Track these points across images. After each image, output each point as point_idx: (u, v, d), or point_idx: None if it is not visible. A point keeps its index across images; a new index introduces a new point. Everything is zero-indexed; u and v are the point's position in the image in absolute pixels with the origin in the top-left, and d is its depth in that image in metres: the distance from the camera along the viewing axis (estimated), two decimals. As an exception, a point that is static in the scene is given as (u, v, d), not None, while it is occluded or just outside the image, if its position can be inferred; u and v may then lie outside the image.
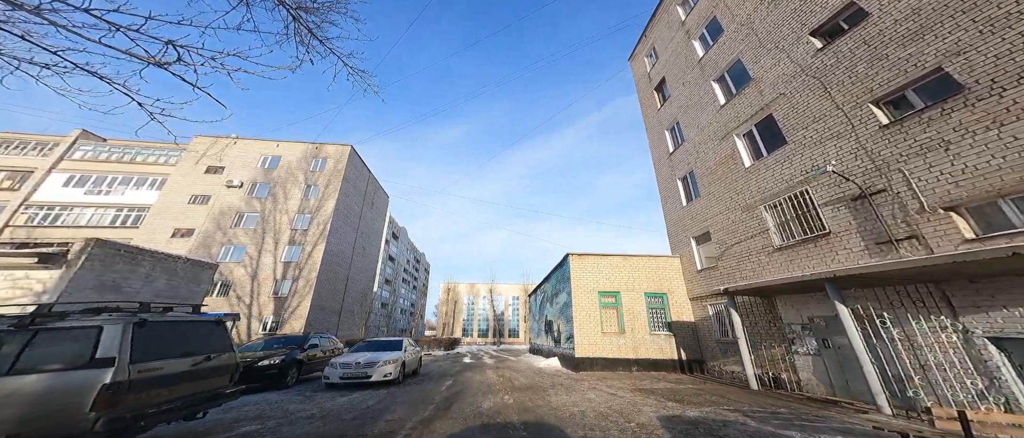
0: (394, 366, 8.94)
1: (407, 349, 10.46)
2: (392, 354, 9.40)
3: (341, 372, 8.40)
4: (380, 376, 8.55)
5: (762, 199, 9.18)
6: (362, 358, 8.82)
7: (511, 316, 68.14)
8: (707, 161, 11.73)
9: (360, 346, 10.34)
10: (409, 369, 10.54)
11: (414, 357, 11.33)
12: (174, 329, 4.02)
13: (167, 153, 27.71)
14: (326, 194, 26.39)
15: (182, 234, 23.72)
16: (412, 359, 10.93)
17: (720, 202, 10.90)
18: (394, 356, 9.28)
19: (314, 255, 23.87)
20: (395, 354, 9.46)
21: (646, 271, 13.22)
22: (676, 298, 12.68)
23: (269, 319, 21.82)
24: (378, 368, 8.58)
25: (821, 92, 7.82)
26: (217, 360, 4.37)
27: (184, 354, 3.97)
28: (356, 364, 8.55)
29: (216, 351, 4.42)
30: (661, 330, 12.47)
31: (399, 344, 10.35)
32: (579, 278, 13.26)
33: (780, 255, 8.49)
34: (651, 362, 11.99)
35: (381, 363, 8.70)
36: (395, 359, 9.14)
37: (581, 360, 12.09)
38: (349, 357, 9.06)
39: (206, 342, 4.34)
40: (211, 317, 4.68)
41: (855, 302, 6.42)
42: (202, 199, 25.06)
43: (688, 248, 12.60)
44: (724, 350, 10.47)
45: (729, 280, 10.14)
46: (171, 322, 4.03)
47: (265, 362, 8.24)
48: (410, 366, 10.65)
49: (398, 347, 10.12)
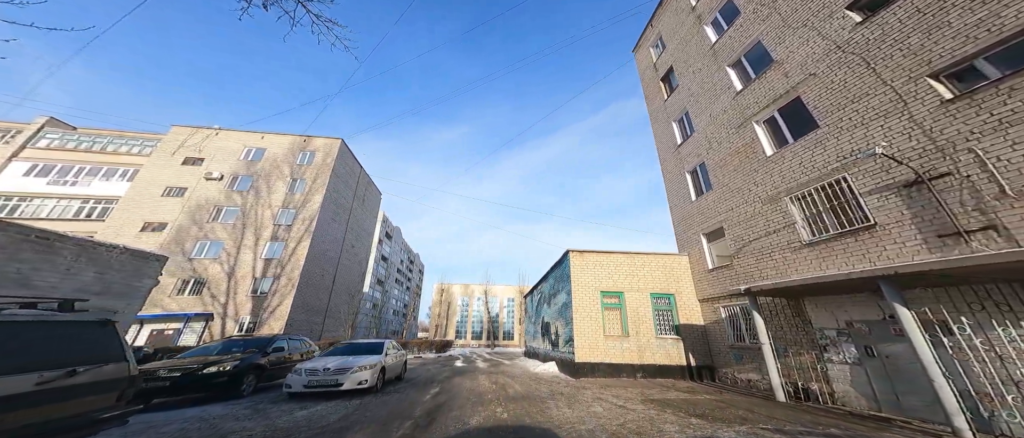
0: (371, 372, 7.67)
1: (388, 353, 9.18)
2: (369, 358, 8.13)
3: (306, 379, 7.10)
4: (353, 384, 7.27)
5: (787, 190, 8.20)
6: (332, 363, 7.53)
7: (506, 318, 66.69)
8: (721, 151, 10.77)
9: (335, 349, 9.03)
10: (391, 374, 9.27)
11: (397, 361, 10.04)
12: (7, 334, 2.73)
13: (142, 143, 25.78)
14: (313, 189, 24.82)
15: (153, 228, 21.87)
16: (394, 363, 9.65)
17: (736, 195, 9.92)
18: (371, 360, 8.01)
19: (298, 252, 22.28)
20: (373, 358, 8.19)
21: (652, 270, 12.19)
22: (684, 299, 11.66)
23: (246, 319, 20.15)
24: (351, 375, 7.30)
25: (862, 69, 6.87)
26: (90, 374, 3.10)
27: (20, 370, 2.68)
28: (325, 370, 7.25)
29: (89, 362, 3.14)
30: (668, 334, 11.43)
31: (379, 347, 9.07)
32: (580, 277, 12.15)
33: (809, 252, 7.50)
34: (657, 368, 10.92)
35: (355, 369, 7.43)
36: (372, 364, 7.87)
37: (581, 365, 10.95)
38: (318, 362, 7.77)
39: (72, 350, 3.06)
40: (92, 318, 3.39)
41: (916, 305, 5.41)
42: (177, 191, 23.24)
43: (698, 245, 11.61)
44: (739, 356, 9.46)
45: (746, 279, 9.15)
46: None
47: (213, 368, 6.87)
48: (392, 371, 9.38)
49: (378, 350, 8.84)
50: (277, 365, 8.56)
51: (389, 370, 8.98)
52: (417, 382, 10.12)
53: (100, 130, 26.03)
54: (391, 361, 9.29)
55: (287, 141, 26.85)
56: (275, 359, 8.55)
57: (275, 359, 8.55)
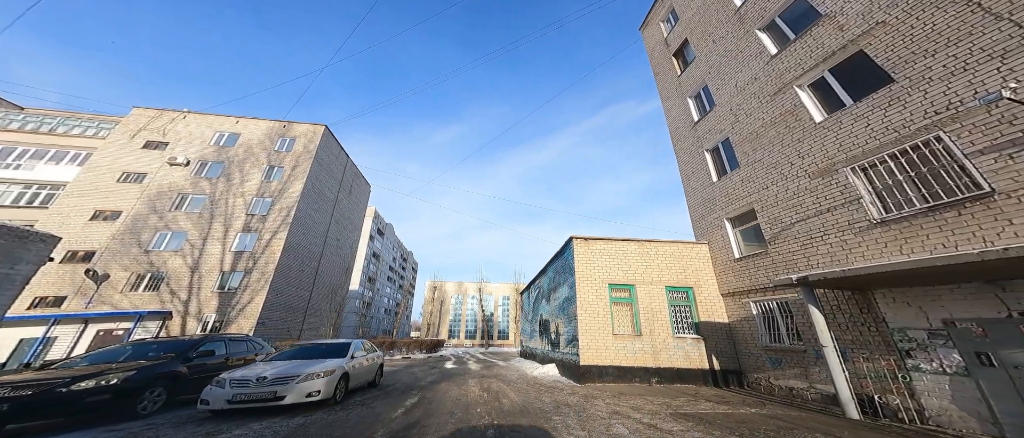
0: (325, 380, 5.77)
1: (355, 355, 7.27)
2: (326, 363, 6.22)
3: (230, 393, 5.18)
4: (299, 396, 5.39)
5: (847, 159, 6.61)
6: (272, 371, 5.61)
7: (501, 317, 64.18)
8: (751, 124, 9.17)
9: (284, 352, 7.05)
10: (358, 381, 7.39)
11: (369, 365, 8.11)
12: None
13: (98, 125, 22.80)
14: (292, 177, 22.38)
15: (106, 217, 19.12)
16: (365, 368, 7.74)
17: (772, 171, 8.33)
18: (329, 366, 6.11)
19: (273, 245, 19.87)
20: (331, 363, 6.28)
21: (667, 260, 10.54)
22: (704, 293, 10.04)
23: (211, 317, 17.70)
24: (296, 385, 5.40)
25: (959, 6, 5.30)
26: None
27: None
28: (258, 379, 5.34)
29: None
30: (687, 332, 9.80)
31: (342, 349, 7.15)
32: (585, 267, 10.42)
33: (882, 232, 5.91)
34: (675, 372, 9.28)
35: (303, 377, 5.52)
36: (329, 370, 5.97)
37: (587, 369, 9.23)
38: (251, 369, 5.84)
39: None
40: None
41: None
42: (136, 177, 20.49)
43: (720, 232, 10.00)
44: (777, 361, 7.86)
45: (788, 268, 7.55)
46: None
47: (88, 383, 4.79)
48: (361, 377, 7.48)
49: (341, 353, 6.93)
50: (205, 373, 6.48)
51: (355, 376, 7.05)
52: (393, 389, 8.21)
53: (50, 110, 22.92)
54: (359, 366, 7.36)
55: (264, 126, 24.28)
56: (202, 366, 6.47)
57: (202, 366, 6.47)
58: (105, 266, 17.95)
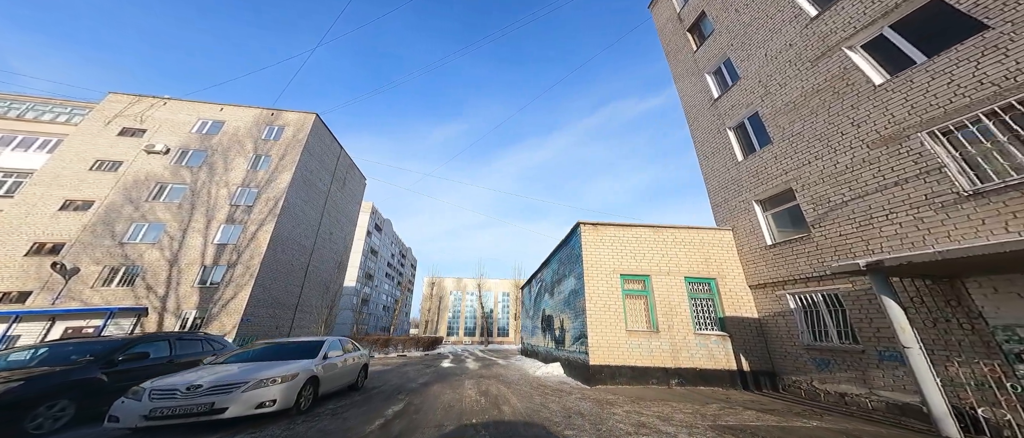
0: (284, 387, 4.48)
1: (329, 355, 5.95)
2: (286, 366, 4.92)
3: (150, 406, 3.91)
4: (246, 407, 4.11)
5: (923, 122, 5.39)
6: (210, 377, 4.32)
7: (501, 314, 62.39)
8: (786, 95, 7.94)
9: (241, 353, 5.70)
10: (336, 384, 6.14)
11: (348, 366, 6.80)
12: None
13: (70, 111, 20.97)
14: (281, 166, 20.79)
15: (76, 206, 17.43)
16: (343, 369, 6.42)
17: (816, 144, 7.11)
18: (289, 369, 4.81)
19: (260, 237, 18.32)
20: (294, 366, 4.98)
21: (686, 248, 9.31)
22: (729, 285, 8.83)
23: (191, 314, 16.16)
24: (242, 393, 4.13)
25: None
26: None
27: None
28: (190, 388, 4.06)
29: None
30: (710, 329, 8.59)
31: (313, 348, 5.86)
32: (594, 256, 9.17)
33: (976, 205, 4.71)
34: (697, 373, 8.07)
35: (252, 384, 4.25)
36: (290, 374, 4.67)
37: (597, 369, 8.01)
38: (185, 375, 4.50)
39: None
40: None
41: None
42: (111, 166, 18.78)
43: (748, 217, 8.79)
44: (824, 362, 6.66)
45: (839, 254, 6.35)
46: None
47: None
48: (337, 381, 6.19)
49: (310, 352, 5.64)
50: (138, 380, 5.10)
51: (329, 380, 5.73)
52: (377, 394, 6.89)
53: (17, 95, 21.01)
54: (334, 367, 6.04)
55: (251, 114, 22.61)
56: (132, 372, 5.08)
57: (132, 372, 5.08)
58: (75, 259, 16.29)
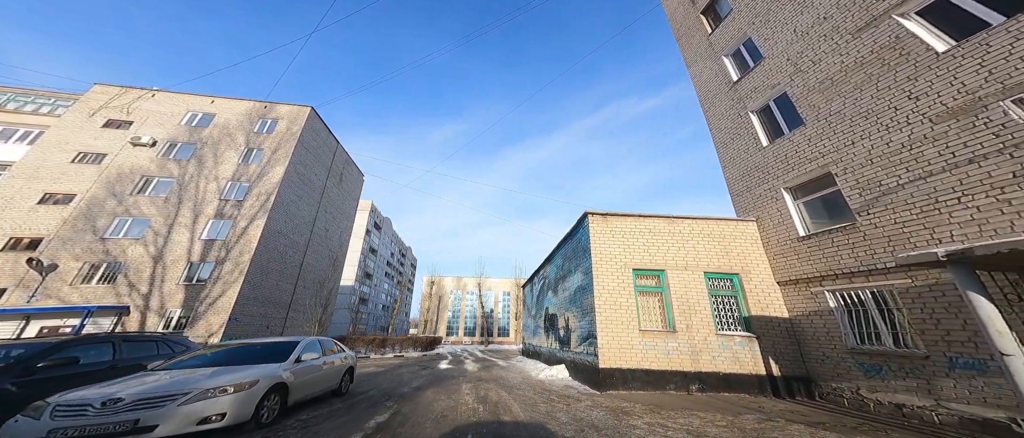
0: (236, 398, 3.60)
1: (303, 358, 5.03)
2: (242, 373, 4.01)
3: (51, 426, 2.99)
4: (184, 424, 3.22)
5: (1005, 90, 4.51)
6: (136, 389, 3.39)
7: (501, 313, 60.97)
8: (821, 71, 7.06)
9: (195, 357, 4.78)
10: (314, 390, 5.25)
11: (328, 369, 5.88)
12: None
13: (54, 102, 19.88)
14: (273, 160, 19.78)
15: (56, 200, 16.37)
16: (321, 374, 5.51)
17: (862, 122, 6.22)
18: (246, 375, 3.91)
19: (250, 232, 17.31)
20: (253, 372, 4.07)
21: (704, 240, 8.42)
22: (755, 281, 7.94)
23: (175, 312, 15.16)
24: (178, 407, 3.25)
25: None
26: None
27: None
28: (104, 404, 3.15)
29: None
30: (734, 329, 7.69)
31: (285, 350, 4.96)
32: (603, 249, 8.28)
33: (1082, 185, 3.81)
34: (721, 378, 7.17)
35: (194, 395, 3.38)
36: (246, 382, 3.78)
37: (608, 373, 7.12)
38: (105, 387, 3.56)
39: None
40: None
41: None
42: (94, 158, 17.73)
43: (775, 205, 7.90)
44: (875, 368, 5.77)
45: (895, 244, 5.46)
46: None
47: None
48: (313, 386, 5.30)
49: (281, 355, 4.74)
50: (57, 390, 4.15)
51: (302, 387, 4.82)
52: (362, 400, 5.97)
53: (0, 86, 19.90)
54: (309, 371, 5.12)
55: (243, 107, 21.58)
56: (54, 380, 4.13)
57: (54, 380, 4.13)
58: (53, 255, 15.24)
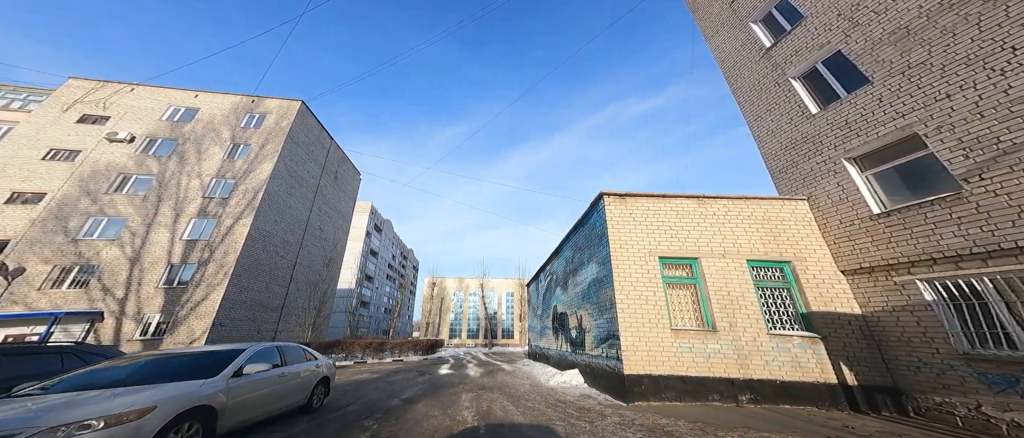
0: (110, 434, 2.15)
1: (247, 371, 3.76)
2: (132, 397, 2.65)
3: None
4: None
5: None
6: None
7: (505, 315, 59.07)
8: (891, 20, 5.75)
9: (82, 375, 3.46)
10: (261, 411, 4.01)
11: (289, 384, 4.63)
12: None
13: (25, 97, 18.46)
14: (261, 155, 18.40)
15: (25, 199, 14.96)
16: (274, 391, 4.25)
17: (960, 70, 4.91)
18: (136, 401, 2.60)
19: (236, 231, 15.92)
20: (149, 395, 2.77)
21: (745, 224, 7.10)
22: (811, 270, 6.60)
23: (154, 318, 13.77)
24: None
25: None
26: None
27: None
28: None
29: None
30: (791, 327, 6.35)
31: (219, 361, 3.69)
32: (623, 234, 6.97)
33: None
34: (779, 387, 5.83)
35: (38, 435, 1.98)
36: (134, 411, 2.49)
37: (635, 380, 5.82)
38: None
39: None
40: None
41: None
42: (68, 155, 16.32)
43: (833, 180, 6.58)
44: (1004, 381, 4.37)
45: (1015, 217, 4.15)
46: None
47: None
48: (263, 405, 4.05)
49: (210, 368, 3.52)
50: None
51: (247, 407, 3.66)
52: (335, 418, 4.66)
53: (-31, 79, 18.40)
54: (259, 388, 3.87)
55: (230, 101, 20.20)
56: None
57: None
58: (21, 258, 13.83)
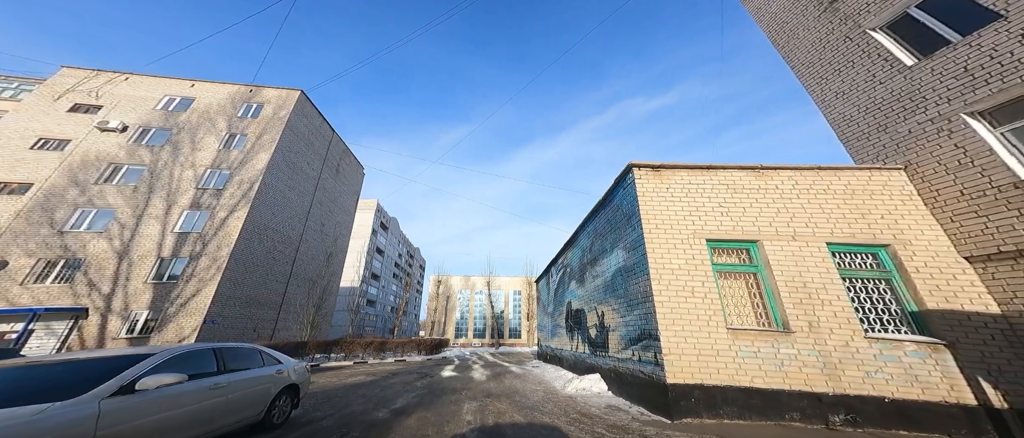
0: None
1: (142, 387, 2.50)
2: None
3: None
4: None
5: None
6: None
7: (512, 314, 57.42)
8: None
9: None
10: (192, 433, 2.52)
11: (224, 400, 3.37)
12: None
13: (17, 86, 17.70)
14: (258, 146, 17.35)
15: (11, 190, 14.12)
16: (196, 410, 3.04)
17: None
18: None
19: (230, 224, 14.88)
20: None
21: (821, 199, 5.57)
22: (920, 257, 5.02)
23: (142, 314, 12.79)
24: None
25: None
26: None
27: None
28: None
29: None
30: (898, 330, 4.82)
31: (101, 372, 2.49)
32: (658, 212, 5.55)
33: None
34: (887, 407, 4.32)
35: None
36: None
37: (683, 392, 4.39)
38: None
39: None
40: None
41: None
42: (56, 144, 15.47)
43: (945, 142, 5.03)
44: None
45: None
46: None
47: None
48: (170, 431, 2.53)
49: (83, 383, 2.27)
50: None
51: (153, 432, 2.13)
52: (304, 433, 3.35)
53: (-38, 69, 17.71)
54: (173, 408, 2.74)
55: (226, 91, 19.20)
56: None
57: None
58: (4, 251, 12.98)
